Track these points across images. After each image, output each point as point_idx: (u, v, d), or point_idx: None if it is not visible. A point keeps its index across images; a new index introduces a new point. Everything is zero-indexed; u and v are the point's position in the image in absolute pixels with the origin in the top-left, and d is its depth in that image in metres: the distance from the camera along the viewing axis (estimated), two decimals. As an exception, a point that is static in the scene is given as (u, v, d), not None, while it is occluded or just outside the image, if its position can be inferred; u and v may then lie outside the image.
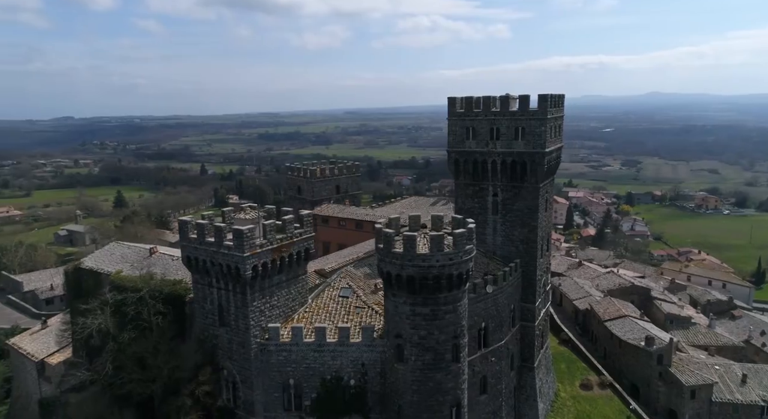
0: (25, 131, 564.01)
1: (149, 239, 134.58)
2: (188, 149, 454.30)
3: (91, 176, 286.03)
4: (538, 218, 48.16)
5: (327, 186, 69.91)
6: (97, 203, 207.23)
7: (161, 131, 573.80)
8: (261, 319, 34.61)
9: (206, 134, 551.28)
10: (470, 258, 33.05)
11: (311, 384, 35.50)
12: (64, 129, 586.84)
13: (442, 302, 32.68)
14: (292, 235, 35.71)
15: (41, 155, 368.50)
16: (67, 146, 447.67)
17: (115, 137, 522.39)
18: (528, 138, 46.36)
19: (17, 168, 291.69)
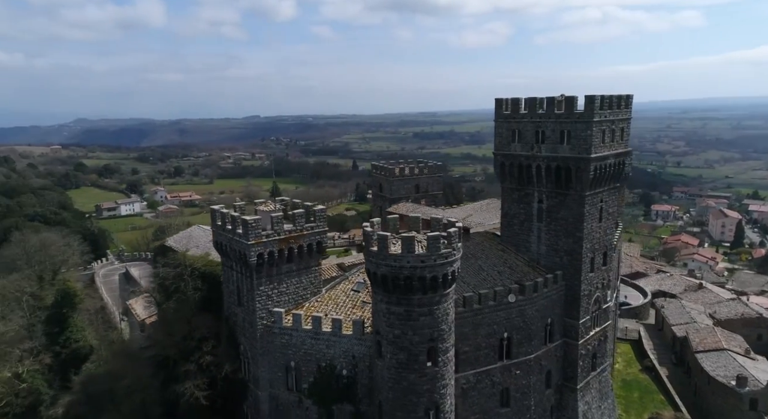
0: (222, 127, 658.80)
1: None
2: (348, 146, 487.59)
3: (261, 168, 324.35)
4: (584, 229, 44.74)
5: (406, 185, 72.01)
6: (259, 192, 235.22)
7: (328, 128, 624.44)
8: (268, 303, 38.72)
9: (366, 133, 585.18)
10: (447, 263, 32.96)
11: (309, 369, 38.64)
12: (251, 126, 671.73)
13: (416, 304, 33.23)
14: (301, 228, 39.14)
15: (228, 148, 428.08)
16: (250, 142, 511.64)
17: (290, 133, 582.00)
18: (573, 142, 43.47)
19: (207, 159, 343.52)
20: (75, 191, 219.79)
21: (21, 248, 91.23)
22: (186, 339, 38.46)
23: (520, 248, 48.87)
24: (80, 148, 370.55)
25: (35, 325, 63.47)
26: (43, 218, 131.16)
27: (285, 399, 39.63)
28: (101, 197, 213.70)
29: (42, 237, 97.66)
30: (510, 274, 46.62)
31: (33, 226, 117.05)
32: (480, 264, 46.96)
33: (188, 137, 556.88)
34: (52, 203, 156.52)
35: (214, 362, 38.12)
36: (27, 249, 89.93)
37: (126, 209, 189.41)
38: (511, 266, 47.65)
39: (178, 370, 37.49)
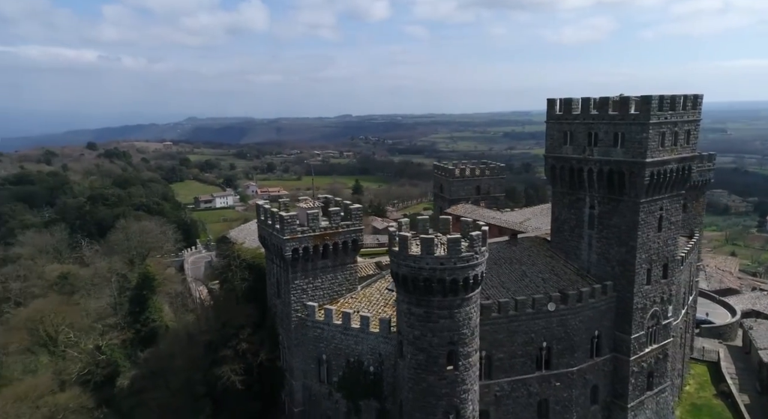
0: (315, 126, 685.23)
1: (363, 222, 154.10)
2: (434, 145, 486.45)
3: (347, 166, 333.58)
4: (638, 238, 41.89)
5: (466, 186, 71.04)
6: (342, 189, 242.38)
7: (416, 128, 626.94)
8: (303, 296, 40.36)
9: (455, 132, 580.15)
10: (468, 266, 32.50)
11: (339, 363, 39.80)
12: (342, 125, 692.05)
13: (436, 306, 33.10)
14: (337, 226, 40.38)
15: (319, 146, 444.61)
16: (341, 140, 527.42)
17: (378, 132, 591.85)
18: (627, 145, 40.89)
19: (298, 157, 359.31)
20: (179, 183, 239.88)
21: (123, 234, 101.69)
22: (225, 326, 41.20)
23: (570, 256, 46.72)
24: (188, 144, 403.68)
25: (122, 304, 70.80)
26: (146, 208, 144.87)
27: (317, 391, 41.14)
28: (200, 189, 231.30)
29: (142, 225, 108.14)
30: (555, 282, 44.77)
31: (137, 215, 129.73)
32: (524, 270, 45.59)
33: (284, 134, 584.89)
34: (157, 194, 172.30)
35: (250, 349, 40.47)
36: (128, 235, 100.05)
37: (220, 201, 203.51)
38: (557, 273, 45.74)
39: (218, 354, 40.27)
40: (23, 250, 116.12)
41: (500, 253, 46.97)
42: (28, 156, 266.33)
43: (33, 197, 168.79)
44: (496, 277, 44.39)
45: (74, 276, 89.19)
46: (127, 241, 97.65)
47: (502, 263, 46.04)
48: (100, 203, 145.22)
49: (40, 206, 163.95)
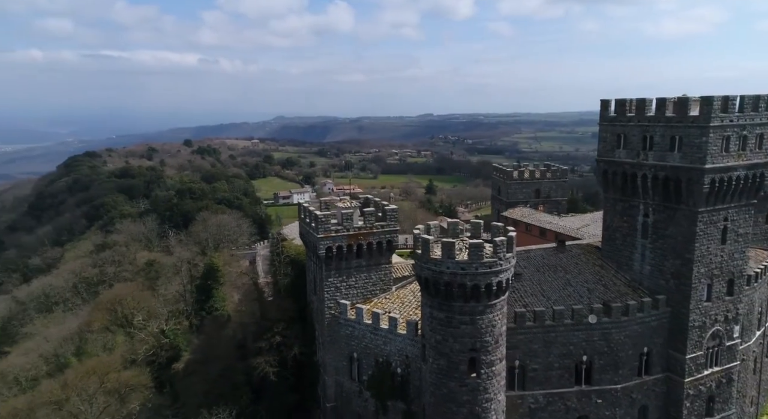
0: (396, 125, 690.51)
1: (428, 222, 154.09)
2: (516, 146, 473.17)
3: (423, 165, 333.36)
4: (695, 250, 38.60)
5: (525, 189, 68.71)
6: (416, 188, 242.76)
7: (498, 127, 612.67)
8: (336, 294, 41.17)
9: (539, 132, 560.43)
10: (491, 272, 31.58)
11: (369, 362, 40.19)
12: (423, 124, 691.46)
13: (457, 311, 32.52)
14: (371, 226, 40.78)
15: (398, 146, 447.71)
16: (420, 139, 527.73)
17: (459, 132, 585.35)
18: (685, 150, 37.83)
19: (376, 156, 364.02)
20: (262, 180, 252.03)
21: (203, 226, 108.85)
22: (263, 318, 42.99)
23: (622, 266, 43.94)
24: (273, 142, 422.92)
25: (192, 291, 75.88)
26: (227, 202, 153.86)
27: (348, 388, 41.84)
28: (281, 186, 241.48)
29: (220, 218, 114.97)
30: (602, 293, 42.31)
31: (218, 208, 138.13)
32: (569, 279, 43.53)
33: (365, 133, 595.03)
34: (239, 189, 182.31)
35: (285, 342, 41.95)
36: (207, 227, 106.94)
37: (298, 197, 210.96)
38: (605, 284, 43.19)
39: (255, 345, 42.14)
40: (119, 237, 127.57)
41: (545, 260, 45.18)
42: (133, 152, 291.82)
43: (132, 190, 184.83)
44: (537, 285, 42.81)
45: (159, 264, 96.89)
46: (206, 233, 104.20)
47: (545, 270, 44.25)
48: (187, 197, 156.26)
49: (138, 197, 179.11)
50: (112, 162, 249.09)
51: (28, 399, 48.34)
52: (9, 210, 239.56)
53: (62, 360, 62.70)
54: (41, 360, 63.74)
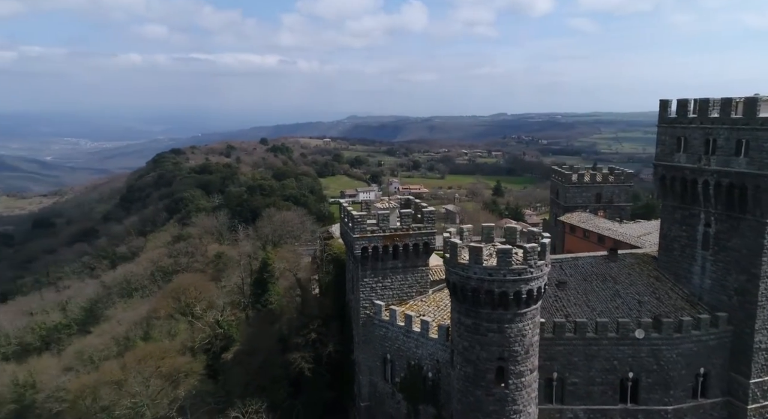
0: (468, 125, 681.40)
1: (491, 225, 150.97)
2: (594, 147, 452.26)
3: (493, 166, 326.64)
4: (762, 265, 35.15)
5: (584, 193, 65.32)
6: (483, 189, 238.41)
7: (575, 127, 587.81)
8: (372, 295, 41.24)
9: (621, 132, 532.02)
10: (521, 280, 30.35)
11: (401, 365, 39.97)
12: (496, 124, 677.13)
13: (485, 318, 31.54)
14: (408, 227, 40.47)
15: (468, 145, 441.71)
16: (491, 139, 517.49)
17: (533, 132, 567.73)
18: (753, 155, 34.58)
19: (445, 155, 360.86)
20: (330, 177, 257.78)
21: (268, 222, 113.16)
22: (300, 314, 43.88)
23: (680, 279, 40.80)
24: (344, 141, 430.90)
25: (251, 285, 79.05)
26: (294, 199, 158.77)
27: (381, 388, 41.85)
28: (348, 184, 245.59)
29: (284, 215, 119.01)
30: (654, 306, 39.51)
31: (285, 205, 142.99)
32: (618, 289, 41.05)
33: (436, 133, 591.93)
34: (306, 187, 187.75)
35: (320, 339, 42.59)
36: (272, 223, 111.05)
37: (363, 196, 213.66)
38: (660, 297, 40.29)
39: (291, 341, 43.16)
40: (194, 230, 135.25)
41: (593, 268, 42.88)
42: (213, 149, 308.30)
43: (209, 185, 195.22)
44: (582, 294, 40.73)
45: (226, 256, 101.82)
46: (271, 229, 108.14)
47: (593, 279, 42.00)
48: (257, 193, 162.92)
49: (214, 192, 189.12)
50: (193, 159, 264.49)
51: (94, 378, 52.56)
52: (105, 201, 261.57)
53: (130, 343, 67.55)
54: (113, 342, 69.03)
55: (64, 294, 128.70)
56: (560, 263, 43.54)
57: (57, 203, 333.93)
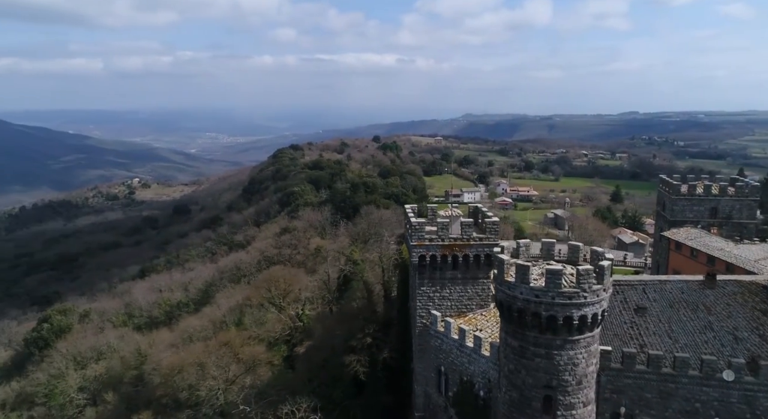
0: (592, 124, 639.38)
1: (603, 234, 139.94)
2: (744, 150, 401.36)
3: (615, 169, 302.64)
4: None
5: (696, 207, 57.72)
6: (599, 194, 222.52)
7: (722, 127, 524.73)
8: (429, 304, 40.13)
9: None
10: (571, 304, 27.55)
11: (454, 379, 38.42)
12: (624, 123, 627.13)
13: (531, 342, 29.12)
14: (468, 238, 38.72)
15: (589, 146, 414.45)
16: (617, 140, 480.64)
17: (668, 132, 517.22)
18: None
19: (561, 156, 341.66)
20: (437, 177, 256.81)
21: (365, 219, 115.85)
22: (357, 318, 43.96)
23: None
24: (456, 140, 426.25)
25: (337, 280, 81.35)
26: (395, 198, 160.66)
27: (435, 400, 40.67)
28: (454, 184, 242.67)
29: (381, 213, 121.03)
30: (756, 344, 33.96)
31: (385, 203, 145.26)
32: (711, 321, 35.87)
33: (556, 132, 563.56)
34: (410, 185, 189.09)
35: (375, 344, 42.33)
36: (369, 221, 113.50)
37: (468, 197, 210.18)
38: (763, 334, 34.53)
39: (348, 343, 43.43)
40: (300, 223, 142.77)
41: (683, 294, 37.89)
42: (328, 146, 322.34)
43: (319, 181, 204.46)
44: (665, 323, 36.21)
45: (324, 250, 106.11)
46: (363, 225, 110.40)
47: (681, 307, 37.09)
48: (361, 190, 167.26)
49: (322, 188, 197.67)
50: (309, 154, 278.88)
51: (182, 357, 57.65)
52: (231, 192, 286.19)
53: (225, 327, 73.06)
54: (210, 324, 75.14)
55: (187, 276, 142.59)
56: (644, 286, 39.08)
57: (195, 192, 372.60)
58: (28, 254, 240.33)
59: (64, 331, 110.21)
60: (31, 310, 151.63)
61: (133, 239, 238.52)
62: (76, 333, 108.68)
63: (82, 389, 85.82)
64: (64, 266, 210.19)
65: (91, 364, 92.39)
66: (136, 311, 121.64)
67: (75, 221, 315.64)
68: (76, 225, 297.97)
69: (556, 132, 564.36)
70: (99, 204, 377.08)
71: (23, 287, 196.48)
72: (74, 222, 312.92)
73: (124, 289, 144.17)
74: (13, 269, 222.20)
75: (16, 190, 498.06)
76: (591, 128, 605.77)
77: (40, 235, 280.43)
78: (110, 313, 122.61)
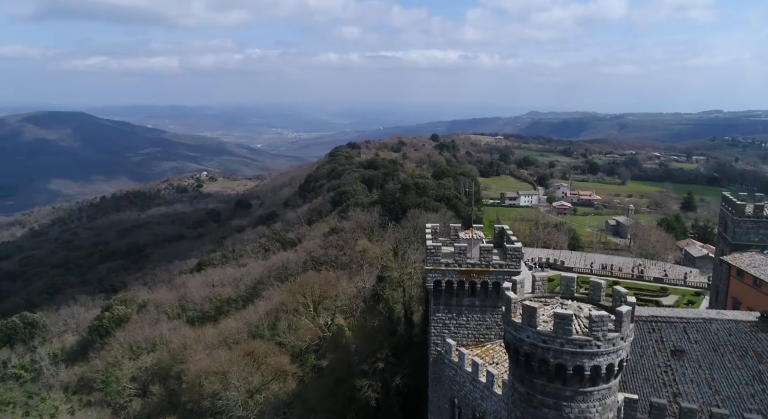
0: (668, 123, 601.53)
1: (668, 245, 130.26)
2: None
3: (691, 173, 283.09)
4: None
5: (762, 230, 51.48)
6: (668, 201, 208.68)
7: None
8: (444, 331, 37.94)
9: None
10: (583, 353, 24.68)
11: (467, 414, 36.11)
12: (705, 123, 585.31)
13: (539, 390, 26.44)
14: (488, 264, 36.19)
15: (663, 147, 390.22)
16: (696, 141, 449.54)
17: (755, 133, 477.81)
18: None
19: (630, 158, 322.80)
20: (494, 178, 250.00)
21: (412, 223, 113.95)
22: (368, 341, 42.34)
23: None
24: (517, 139, 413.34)
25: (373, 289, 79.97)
26: (446, 200, 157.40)
27: (449, 432, 38.53)
28: (512, 186, 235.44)
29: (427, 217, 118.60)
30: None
31: (435, 206, 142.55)
32: (761, 370, 32.03)
33: (627, 132, 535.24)
34: (463, 187, 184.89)
35: (387, 369, 40.58)
36: (415, 226, 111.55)
37: (525, 200, 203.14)
38: (823, 393, 29.73)
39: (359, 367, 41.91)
40: (348, 224, 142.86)
41: (730, 337, 33.70)
42: (385, 144, 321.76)
43: (372, 180, 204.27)
44: (705, 370, 32.28)
45: (368, 254, 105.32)
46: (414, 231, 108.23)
47: (726, 352, 32.98)
48: (412, 191, 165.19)
49: (375, 188, 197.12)
50: (365, 153, 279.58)
51: (208, 364, 58.53)
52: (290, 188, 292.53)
53: (259, 331, 73.79)
54: (246, 327, 76.20)
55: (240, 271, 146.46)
56: (685, 324, 35.06)
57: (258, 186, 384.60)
58: (103, 242, 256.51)
59: (122, 321, 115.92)
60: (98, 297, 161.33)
61: (196, 232, 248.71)
62: (134, 323, 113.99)
63: (134, 378, 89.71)
64: (132, 256, 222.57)
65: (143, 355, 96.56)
66: (190, 304, 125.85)
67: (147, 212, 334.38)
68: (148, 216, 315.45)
69: (627, 132, 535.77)
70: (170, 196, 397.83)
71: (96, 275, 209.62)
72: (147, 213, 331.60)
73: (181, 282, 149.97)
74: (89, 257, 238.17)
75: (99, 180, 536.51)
76: (667, 127, 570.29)
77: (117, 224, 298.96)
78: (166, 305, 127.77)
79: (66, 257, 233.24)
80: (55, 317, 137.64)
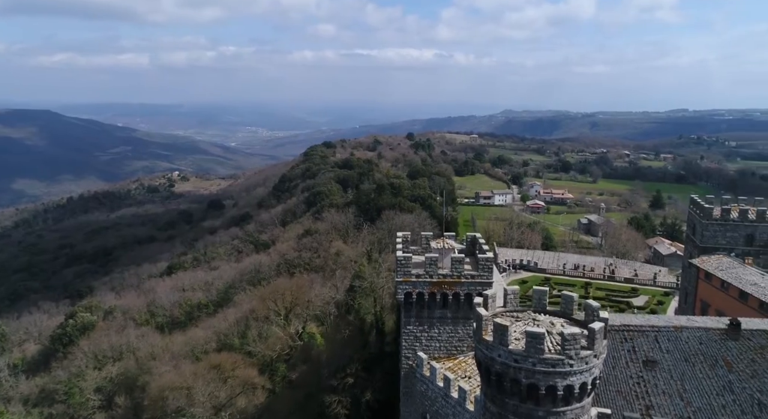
0: (637, 122, 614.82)
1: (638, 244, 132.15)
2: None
3: (659, 171, 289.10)
4: None
5: (729, 233, 52.11)
6: (638, 199, 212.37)
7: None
8: (415, 344, 36.94)
9: None
10: (555, 372, 23.90)
11: (440, 428, 35.24)
12: (672, 121, 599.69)
13: (511, 411, 25.60)
14: (460, 274, 35.29)
15: (632, 146, 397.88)
16: (663, 139, 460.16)
17: (719, 132, 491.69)
18: None
19: (601, 156, 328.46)
20: (469, 177, 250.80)
21: (386, 225, 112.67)
22: (338, 354, 41.12)
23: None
24: (491, 138, 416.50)
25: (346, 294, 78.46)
26: (421, 201, 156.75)
27: (421, 448, 37.55)
28: (486, 185, 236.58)
29: (402, 218, 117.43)
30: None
31: (410, 206, 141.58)
32: (732, 380, 31.49)
33: (598, 130, 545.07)
34: (437, 187, 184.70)
35: (358, 384, 39.43)
36: (389, 227, 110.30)
37: (499, 199, 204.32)
38: (793, 403, 29.66)
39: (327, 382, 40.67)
40: (322, 225, 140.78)
41: (701, 346, 33.47)
42: (361, 143, 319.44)
43: (347, 180, 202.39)
44: (677, 380, 31.99)
45: (343, 256, 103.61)
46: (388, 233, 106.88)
47: (697, 362, 32.73)
48: (387, 191, 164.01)
49: (350, 188, 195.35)
50: (341, 152, 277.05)
51: (171, 379, 56.36)
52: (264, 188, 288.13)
53: (228, 341, 71.62)
54: (214, 337, 73.96)
55: (211, 275, 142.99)
56: (656, 333, 34.75)
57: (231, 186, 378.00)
58: (69, 245, 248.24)
59: (87, 328, 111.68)
60: (63, 303, 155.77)
61: (167, 234, 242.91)
62: (100, 331, 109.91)
63: (99, 389, 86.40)
64: (100, 260, 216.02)
65: (108, 364, 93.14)
66: (159, 310, 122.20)
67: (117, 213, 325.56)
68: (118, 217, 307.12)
69: (598, 130, 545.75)
70: (141, 196, 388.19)
71: (61, 280, 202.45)
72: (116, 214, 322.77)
73: (150, 286, 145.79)
74: (54, 261, 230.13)
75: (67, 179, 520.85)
76: (636, 125, 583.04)
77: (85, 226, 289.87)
78: (134, 311, 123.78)
79: (29, 262, 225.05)
80: (15, 325, 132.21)
